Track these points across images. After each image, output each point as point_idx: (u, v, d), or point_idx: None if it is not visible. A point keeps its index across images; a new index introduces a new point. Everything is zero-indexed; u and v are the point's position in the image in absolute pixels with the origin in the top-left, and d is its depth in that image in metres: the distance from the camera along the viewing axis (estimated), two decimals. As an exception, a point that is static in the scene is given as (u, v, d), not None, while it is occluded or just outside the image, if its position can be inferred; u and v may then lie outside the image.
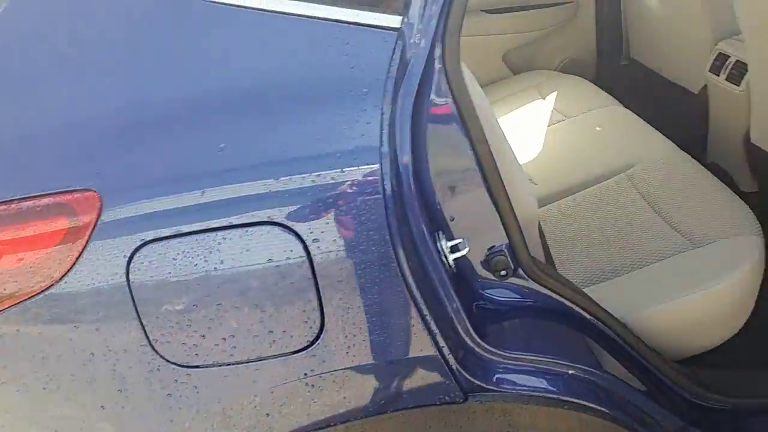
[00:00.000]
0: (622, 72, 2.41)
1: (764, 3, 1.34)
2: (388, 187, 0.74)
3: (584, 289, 1.31)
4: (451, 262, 0.87)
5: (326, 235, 0.74)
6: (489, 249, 0.95)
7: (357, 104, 0.76)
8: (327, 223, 0.74)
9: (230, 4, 0.78)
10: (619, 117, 1.85)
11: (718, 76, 1.70)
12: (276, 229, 0.74)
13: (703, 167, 1.50)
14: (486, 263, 0.95)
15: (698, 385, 1.16)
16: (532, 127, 1.94)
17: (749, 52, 1.49)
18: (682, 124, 2.09)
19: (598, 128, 1.81)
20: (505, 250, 0.95)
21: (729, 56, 1.67)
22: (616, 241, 1.39)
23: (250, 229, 0.75)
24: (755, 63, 1.49)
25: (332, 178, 0.73)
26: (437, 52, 0.80)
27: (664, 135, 2.03)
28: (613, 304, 1.23)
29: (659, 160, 1.57)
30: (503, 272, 0.96)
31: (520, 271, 0.98)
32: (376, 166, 0.74)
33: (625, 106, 2.21)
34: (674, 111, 2.11)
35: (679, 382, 1.12)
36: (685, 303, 1.21)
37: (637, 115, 2.29)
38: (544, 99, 2.09)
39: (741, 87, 1.61)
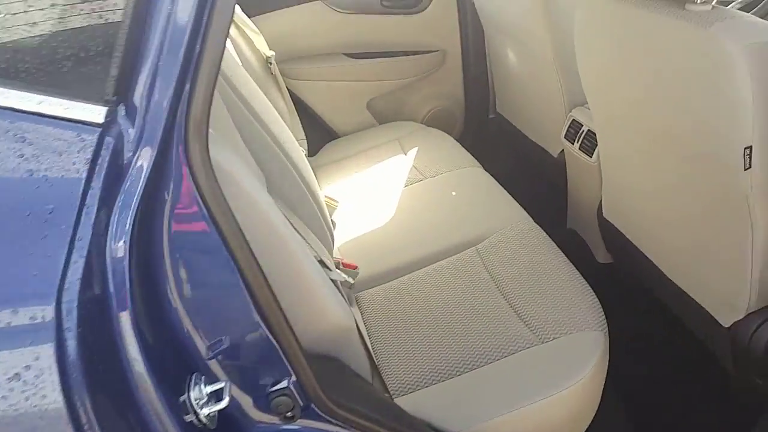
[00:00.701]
0: (489, 125, 2.34)
1: (604, 80, 1.27)
2: (71, 345, 0.52)
3: (417, 393, 1.15)
4: (203, 418, 0.66)
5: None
6: (270, 386, 0.75)
7: (34, 229, 0.53)
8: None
9: None
10: (477, 180, 1.73)
11: (573, 144, 1.64)
12: None
13: (555, 246, 1.40)
14: (265, 405, 0.75)
15: None
16: (389, 187, 1.79)
17: (596, 126, 1.42)
18: (544, 186, 2.03)
19: (453, 193, 1.69)
20: (291, 387, 0.75)
21: (582, 125, 1.60)
22: (458, 330, 1.24)
23: None
24: (601, 140, 1.42)
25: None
26: (174, 149, 0.60)
27: (526, 197, 1.96)
28: (450, 415, 1.08)
29: (512, 233, 1.45)
30: (289, 414, 0.76)
31: (313, 408, 0.79)
32: (49, 314, 0.52)
33: (491, 161, 2.14)
34: (537, 171, 2.05)
35: None
36: (527, 411, 1.08)
37: (502, 171, 2.23)
38: (405, 154, 1.96)
39: (593, 159, 1.54)
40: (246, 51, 1.85)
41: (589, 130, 1.57)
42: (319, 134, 2.20)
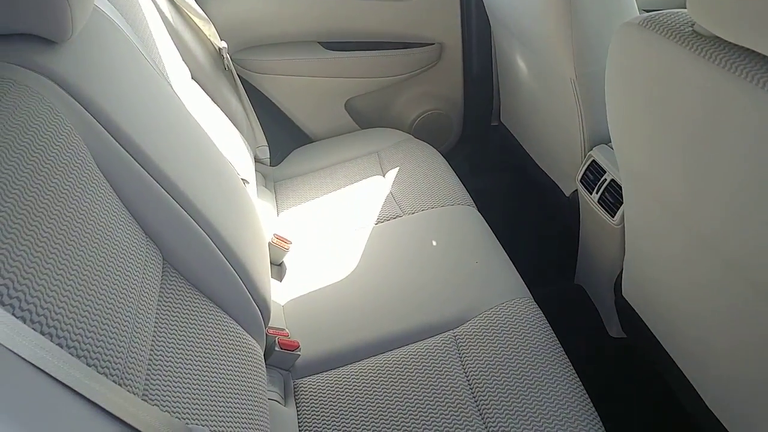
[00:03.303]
0: (491, 134, 1.97)
1: (641, 141, 0.90)
2: None
3: None
4: None
5: None
6: None
7: None
8: None
9: None
10: (466, 226, 1.38)
11: (591, 193, 1.28)
12: None
13: (557, 343, 1.06)
14: None
15: None
16: (358, 223, 1.44)
17: (623, 186, 1.06)
18: (553, 222, 1.69)
19: (434, 242, 1.34)
20: None
21: (604, 171, 1.24)
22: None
23: None
24: (628, 206, 1.06)
25: None
26: None
27: (529, 233, 1.62)
28: None
29: (503, 317, 1.12)
30: None
31: None
32: None
33: (490, 178, 1.79)
34: (545, 202, 1.70)
35: None
36: None
37: (501, 192, 1.89)
38: (383, 176, 1.60)
39: (616, 220, 1.19)
40: (191, 44, 1.48)
41: (613, 180, 1.21)
42: (287, 137, 1.85)
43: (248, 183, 1.35)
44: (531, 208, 1.82)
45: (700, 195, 0.79)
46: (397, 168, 1.61)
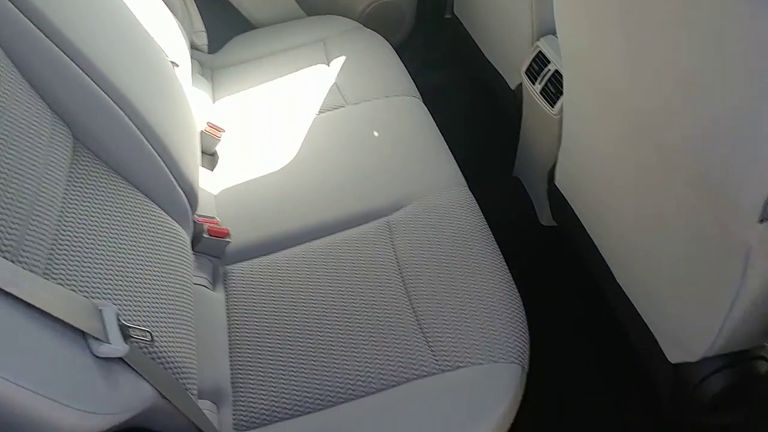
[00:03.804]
0: (443, 27, 1.89)
1: (585, 34, 0.87)
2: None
3: (265, 428, 0.87)
4: None
5: None
6: None
7: None
8: None
9: None
10: (409, 117, 1.35)
11: (534, 84, 1.25)
12: None
13: (487, 229, 1.07)
14: None
15: None
16: (298, 112, 1.40)
17: (564, 77, 1.04)
18: (498, 118, 1.67)
19: (375, 133, 1.32)
20: None
21: (549, 62, 1.21)
22: (340, 339, 0.95)
23: None
24: (568, 95, 1.05)
25: None
26: None
27: (474, 128, 1.61)
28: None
29: (436, 203, 1.12)
30: None
31: None
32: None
33: (440, 72, 1.75)
34: (491, 97, 1.67)
35: None
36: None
37: (450, 87, 1.86)
38: (328, 65, 1.54)
39: (555, 110, 1.18)
40: None
41: (557, 71, 1.19)
42: (227, 23, 1.74)
43: (177, 66, 1.28)
44: (478, 102, 1.80)
45: (638, 81, 0.77)
46: (344, 57, 1.55)
